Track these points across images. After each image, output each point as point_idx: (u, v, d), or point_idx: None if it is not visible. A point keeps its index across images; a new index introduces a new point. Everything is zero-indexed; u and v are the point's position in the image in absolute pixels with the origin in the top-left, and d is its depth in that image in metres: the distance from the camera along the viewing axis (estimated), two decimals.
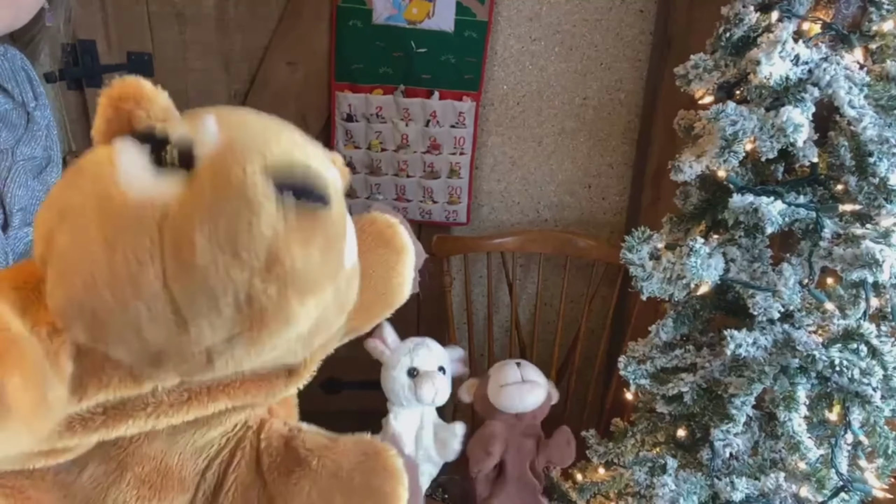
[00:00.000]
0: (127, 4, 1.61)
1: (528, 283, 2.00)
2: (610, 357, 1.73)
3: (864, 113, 0.99)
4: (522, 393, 1.42)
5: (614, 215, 1.96)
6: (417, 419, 1.38)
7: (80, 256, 0.38)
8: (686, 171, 1.09)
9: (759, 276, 1.09)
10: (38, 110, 0.83)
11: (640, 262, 1.10)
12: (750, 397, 1.11)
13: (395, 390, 1.34)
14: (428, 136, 1.78)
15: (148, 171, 0.38)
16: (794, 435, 1.04)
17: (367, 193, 1.83)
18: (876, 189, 1.03)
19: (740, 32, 1.08)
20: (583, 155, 1.89)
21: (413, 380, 1.32)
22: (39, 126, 0.83)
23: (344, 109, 1.74)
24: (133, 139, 0.40)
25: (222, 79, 1.72)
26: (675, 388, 1.17)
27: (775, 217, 1.02)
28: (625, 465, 1.29)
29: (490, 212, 1.95)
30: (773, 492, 1.11)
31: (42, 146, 0.84)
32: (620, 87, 1.83)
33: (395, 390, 1.34)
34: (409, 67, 1.70)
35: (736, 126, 1.02)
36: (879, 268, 0.96)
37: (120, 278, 0.37)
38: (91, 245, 0.37)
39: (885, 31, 1.03)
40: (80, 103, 1.69)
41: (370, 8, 1.63)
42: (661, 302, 1.17)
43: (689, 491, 1.17)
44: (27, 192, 0.80)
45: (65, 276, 0.38)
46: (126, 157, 0.39)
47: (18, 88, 0.81)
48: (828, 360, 1.00)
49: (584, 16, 1.75)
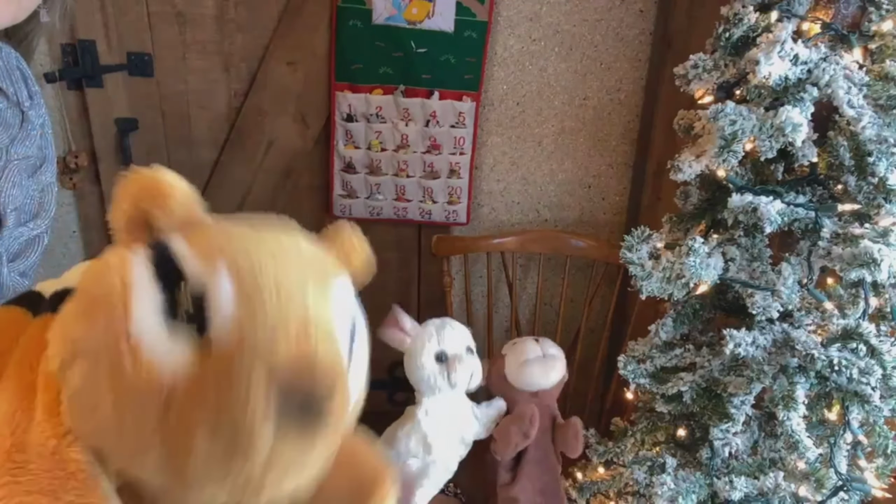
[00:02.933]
0: (127, 4, 1.61)
1: (528, 283, 2.01)
2: (610, 357, 1.72)
3: (863, 113, 0.99)
4: (546, 368, 1.36)
5: (614, 215, 1.96)
6: (448, 408, 1.27)
7: (90, 406, 0.40)
8: (686, 170, 1.09)
9: (759, 275, 1.09)
10: (32, 109, 0.83)
11: (639, 262, 1.11)
12: (749, 397, 1.11)
13: (424, 379, 1.20)
14: (428, 136, 1.78)
15: (160, 328, 0.39)
16: (793, 434, 1.04)
17: (367, 193, 1.83)
18: (875, 189, 1.03)
19: (740, 32, 1.08)
20: (583, 155, 1.89)
21: (443, 364, 1.20)
22: (34, 125, 0.83)
23: (344, 109, 1.74)
24: (148, 261, 0.40)
25: (222, 79, 1.73)
26: (674, 387, 1.17)
27: (774, 216, 1.03)
28: (624, 464, 1.29)
29: (490, 212, 1.95)
30: (772, 491, 1.11)
31: (37, 145, 0.84)
32: (620, 87, 1.83)
33: (424, 379, 1.20)
34: (409, 67, 1.71)
35: (735, 126, 1.02)
36: (878, 267, 0.96)
37: (127, 438, 0.40)
38: (101, 401, 0.39)
39: (885, 30, 1.03)
40: (80, 103, 1.69)
41: (370, 8, 1.64)
42: (660, 301, 1.17)
43: (688, 490, 1.17)
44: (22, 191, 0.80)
45: (77, 415, 0.41)
46: (140, 300, 0.39)
47: (13, 87, 0.80)
48: (827, 360, 1.00)
49: (584, 16, 1.75)
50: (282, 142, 1.78)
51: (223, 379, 0.38)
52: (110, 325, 0.39)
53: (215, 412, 0.37)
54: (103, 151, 1.73)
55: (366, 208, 1.83)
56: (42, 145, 0.85)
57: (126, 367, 0.38)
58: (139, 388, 0.38)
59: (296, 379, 0.38)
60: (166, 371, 0.38)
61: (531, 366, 1.36)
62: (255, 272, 0.40)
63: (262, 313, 0.39)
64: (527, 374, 1.35)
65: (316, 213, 1.85)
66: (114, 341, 0.39)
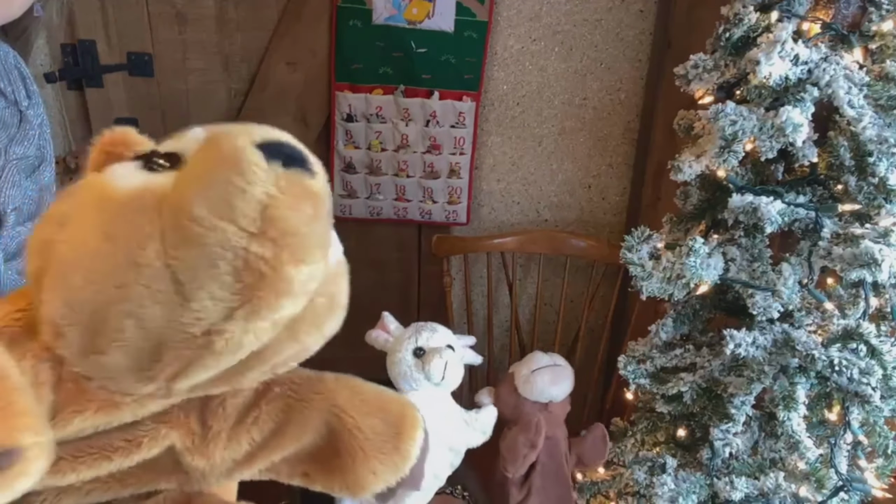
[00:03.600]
0: (127, 4, 1.61)
1: (528, 283, 2.00)
2: (610, 357, 1.72)
3: (863, 113, 0.99)
4: (556, 376, 1.37)
5: (614, 215, 1.96)
6: (428, 404, 1.27)
7: (80, 254, 0.39)
8: (686, 170, 1.09)
9: (759, 275, 1.09)
10: (30, 109, 0.83)
11: (639, 262, 1.11)
12: (749, 397, 1.11)
13: (401, 373, 1.24)
14: (428, 136, 1.78)
15: (141, 173, 0.41)
16: (793, 434, 1.04)
17: (367, 193, 1.83)
18: (875, 189, 1.03)
19: (740, 32, 1.08)
20: (583, 155, 1.89)
21: (420, 358, 1.23)
22: (32, 125, 0.83)
23: (344, 109, 1.74)
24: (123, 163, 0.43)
25: (222, 79, 1.73)
26: (674, 387, 1.17)
27: (775, 217, 1.02)
28: (625, 464, 1.29)
29: (490, 212, 1.95)
30: (772, 491, 1.11)
31: (35, 145, 0.83)
32: (620, 87, 1.83)
33: (401, 373, 1.24)
34: (409, 67, 1.71)
35: (735, 126, 1.02)
36: (878, 267, 0.96)
37: (122, 266, 0.39)
38: (92, 242, 0.39)
39: (885, 31, 1.03)
40: (80, 103, 1.69)
41: (370, 8, 1.64)
42: (660, 302, 1.17)
43: (688, 490, 1.17)
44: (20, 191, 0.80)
45: (65, 277, 0.40)
46: (119, 168, 0.42)
47: (11, 87, 0.80)
48: (827, 360, 1.00)
49: (584, 16, 1.75)
50: None
51: (211, 149, 0.40)
52: (94, 188, 0.42)
53: (209, 178, 0.38)
54: None
55: (366, 208, 1.83)
56: (40, 145, 0.85)
57: (113, 199, 0.40)
58: (128, 207, 0.39)
59: (277, 141, 0.41)
60: (153, 187, 0.40)
61: (542, 374, 1.37)
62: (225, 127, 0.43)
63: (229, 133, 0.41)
64: (538, 382, 1.37)
65: None
66: (99, 192, 0.41)
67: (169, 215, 0.38)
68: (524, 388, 1.38)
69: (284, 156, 0.40)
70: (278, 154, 0.39)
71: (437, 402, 1.29)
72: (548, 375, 1.37)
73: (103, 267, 0.39)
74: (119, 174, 0.41)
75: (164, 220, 0.38)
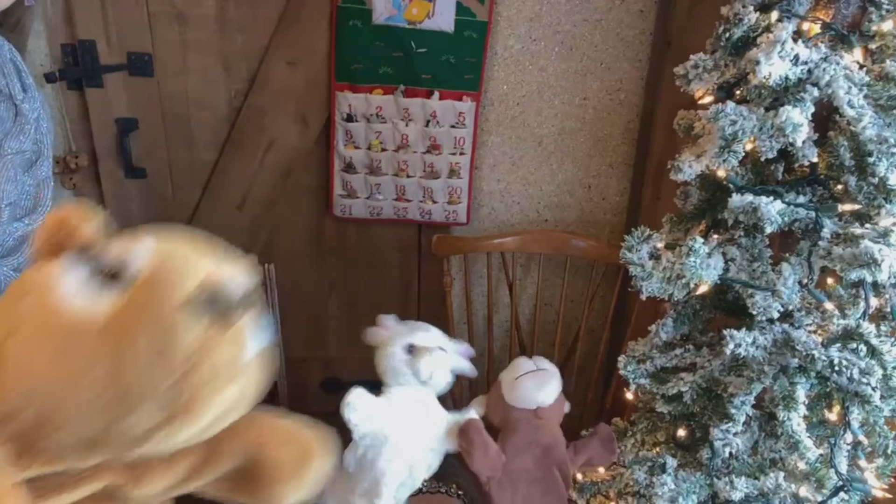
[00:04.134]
0: (127, 4, 1.61)
1: (528, 283, 2.00)
2: (610, 357, 1.72)
3: (863, 113, 0.99)
4: (539, 381, 1.37)
5: (614, 215, 1.96)
6: (412, 400, 1.30)
7: (32, 361, 0.47)
8: (686, 170, 1.09)
9: (759, 275, 1.09)
10: (26, 102, 0.82)
11: (639, 262, 1.11)
12: (749, 397, 1.11)
13: (391, 366, 1.26)
14: (428, 136, 1.78)
15: (87, 288, 0.48)
16: (793, 434, 1.04)
17: (367, 193, 1.83)
18: (875, 189, 1.03)
19: (740, 32, 1.08)
20: (583, 155, 1.89)
21: (410, 355, 1.26)
22: (28, 119, 0.82)
23: (344, 109, 1.74)
24: (72, 256, 0.50)
25: (222, 79, 1.72)
26: (674, 387, 1.17)
27: (775, 217, 1.02)
28: (625, 464, 1.29)
29: (490, 212, 1.95)
30: (772, 491, 1.11)
31: (31, 139, 0.83)
32: (620, 87, 1.83)
33: (391, 366, 1.26)
34: (409, 67, 1.70)
35: (735, 126, 1.02)
36: (878, 267, 0.96)
37: (70, 378, 0.46)
38: (42, 353, 0.47)
39: (885, 31, 1.03)
40: (80, 103, 1.69)
41: (370, 8, 1.63)
42: (660, 302, 1.17)
43: (688, 490, 1.17)
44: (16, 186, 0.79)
45: (19, 377, 0.47)
46: (66, 278, 0.49)
47: (6, 80, 0.80)
48: (827, 360, 1.00)
49: (584, 16, 1.75)
50: (282, 142, 1.78)
51: (149, 293, 0.47)
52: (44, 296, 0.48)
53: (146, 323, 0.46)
54: (103, 151, 1.73)
55: (366, 208, 1.83)
56: (37, 139, 0.84)
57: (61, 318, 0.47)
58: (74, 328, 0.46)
59: (210, 285, 0.49)
60: (97, 311, 0.47)
61: (525, 380, 1.37)
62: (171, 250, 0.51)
63: (173, 256, 0.50)
64: (521, 388, 1.37)
65: (316, 213, 1.85)
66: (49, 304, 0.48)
67: (108, 348, 0.46)
68: (510, 395, 1.38)
69: (213, 309, 0.48)
70: (208, 308, 0.48)
71: (420, 401, 1.31)
72: (531, 381, 1.37)
73: (54, 376, 0.46)
74: (67, 290, 0.48)
75: (106, 349, 0.46)
